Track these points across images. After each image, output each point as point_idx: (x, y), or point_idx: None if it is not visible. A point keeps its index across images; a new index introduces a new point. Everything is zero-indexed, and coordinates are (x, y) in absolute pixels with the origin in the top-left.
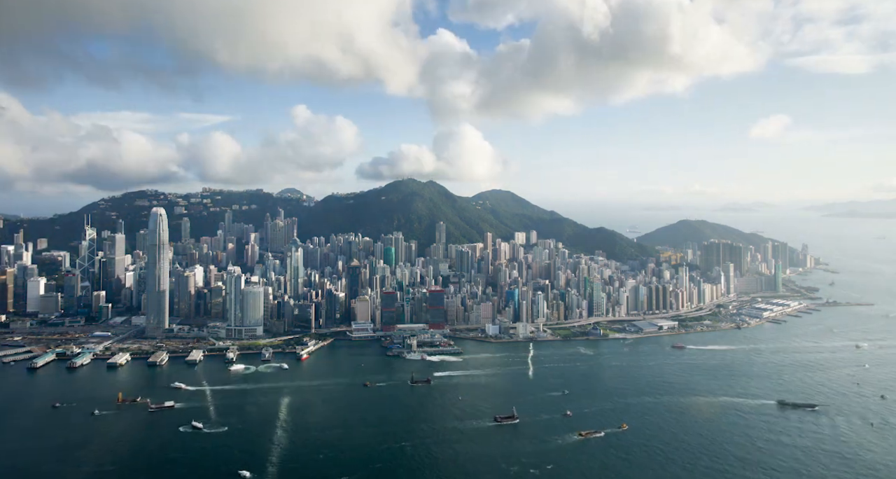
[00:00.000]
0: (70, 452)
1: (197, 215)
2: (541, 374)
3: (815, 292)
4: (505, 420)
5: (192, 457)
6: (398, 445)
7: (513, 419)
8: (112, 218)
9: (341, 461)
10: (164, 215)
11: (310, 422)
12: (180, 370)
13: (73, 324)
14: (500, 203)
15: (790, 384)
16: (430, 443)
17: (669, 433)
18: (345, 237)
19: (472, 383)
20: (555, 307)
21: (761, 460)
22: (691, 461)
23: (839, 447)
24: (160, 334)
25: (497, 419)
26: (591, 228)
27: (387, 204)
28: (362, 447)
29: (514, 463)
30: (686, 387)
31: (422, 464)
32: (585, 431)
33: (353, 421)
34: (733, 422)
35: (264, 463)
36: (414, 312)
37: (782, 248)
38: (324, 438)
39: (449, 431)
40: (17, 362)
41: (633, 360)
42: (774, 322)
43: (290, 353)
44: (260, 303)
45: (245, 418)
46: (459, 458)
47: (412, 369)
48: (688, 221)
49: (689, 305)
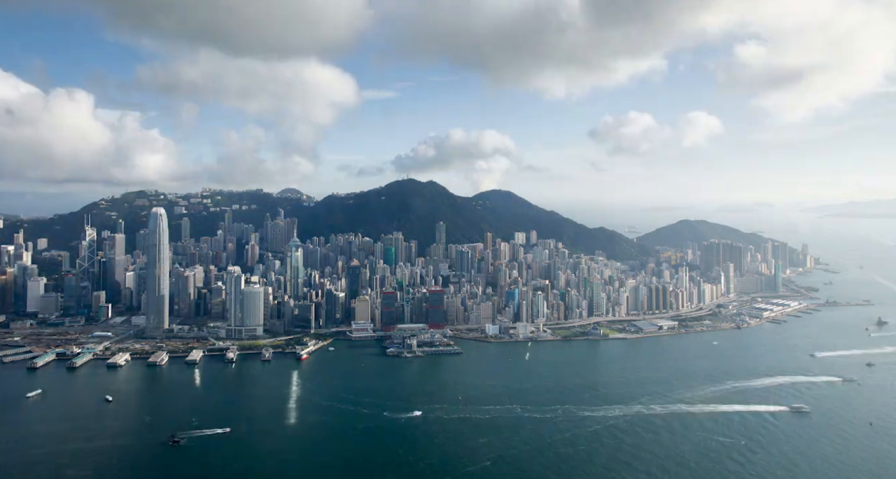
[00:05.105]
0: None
1: (197, 215)
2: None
3: (815, 292)
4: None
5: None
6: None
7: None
8: (112, 218)
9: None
10: (164, 215)
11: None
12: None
13: (73, 324)
14: (500, 203)
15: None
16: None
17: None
18: (345, 237)
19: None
20: (555, 307)
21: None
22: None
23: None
24: (160, 334)
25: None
26: (591, 228)
27: (387, 204)
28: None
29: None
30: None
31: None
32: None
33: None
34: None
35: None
36: (414, 312)
37: (782, 248)
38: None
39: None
40: (16, 362)
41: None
42: (774, 322)
43: (290, 353)
44: (260, 303)
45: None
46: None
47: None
48: (688, 221)
49: (689, 305)
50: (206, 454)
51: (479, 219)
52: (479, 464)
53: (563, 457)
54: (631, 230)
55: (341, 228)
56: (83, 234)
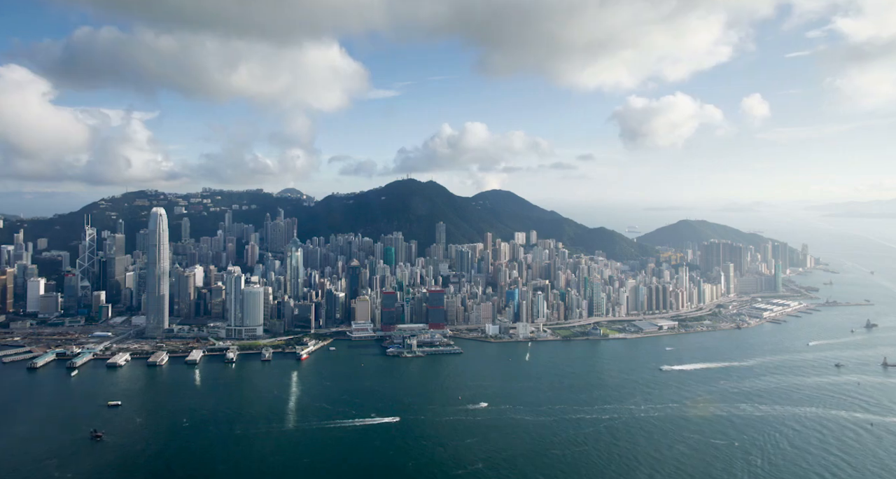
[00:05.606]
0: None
1: (197, 215)
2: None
3: (815, 292)
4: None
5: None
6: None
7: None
8: (112, 218)
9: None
10: (164, 215)
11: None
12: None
13: (73, 324)
14: (500, 203)
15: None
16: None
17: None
18: (345, 237)
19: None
20: (555, 307)
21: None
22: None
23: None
24: (160, 334)
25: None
26: (591, 228)
27: (387, 204)
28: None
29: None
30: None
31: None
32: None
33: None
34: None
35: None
36: (414, 312)
37: (782, 248)
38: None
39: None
40: (16, 362)
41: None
42: (774, 322)
43: (290, 353)
44: (260, 303)
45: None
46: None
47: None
48: (688, 221)
49: (689, 305)
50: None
51: (479, 219)
52: (472, 466)
53: (558, 459)
54: (631, 230)
55: (341, 228)
56: (83, 234)
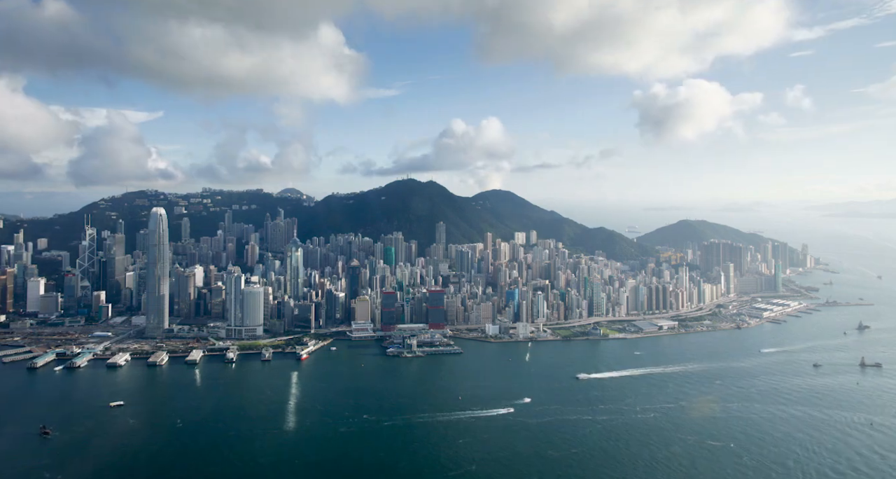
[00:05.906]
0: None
1: (197, 215)
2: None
3: (815, 292)
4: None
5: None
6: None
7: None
8: (112, 218)
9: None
10: (164, 215)
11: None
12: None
13: (73, 324)
14: (500, 203)
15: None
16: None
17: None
18: (345, 237)
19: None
20: (555, 307)
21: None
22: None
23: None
24: (160, 335)
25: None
26: (591, 228)
27: (387, 204)
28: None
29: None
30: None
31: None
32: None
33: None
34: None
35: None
36: (414, 312)
37: (782, 248)
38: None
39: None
40: (16, 362)
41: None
42: (774, 322)
43: (290, 353)
44: (260, 303)
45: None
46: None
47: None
48: (688, 221)
49: (689, 305)
50: (191, 453)
51: (479, 219)
52: (465, 468)
53: (553, 460)
54: (631, 230)
55: (341, 228)
56: (83, 234)
